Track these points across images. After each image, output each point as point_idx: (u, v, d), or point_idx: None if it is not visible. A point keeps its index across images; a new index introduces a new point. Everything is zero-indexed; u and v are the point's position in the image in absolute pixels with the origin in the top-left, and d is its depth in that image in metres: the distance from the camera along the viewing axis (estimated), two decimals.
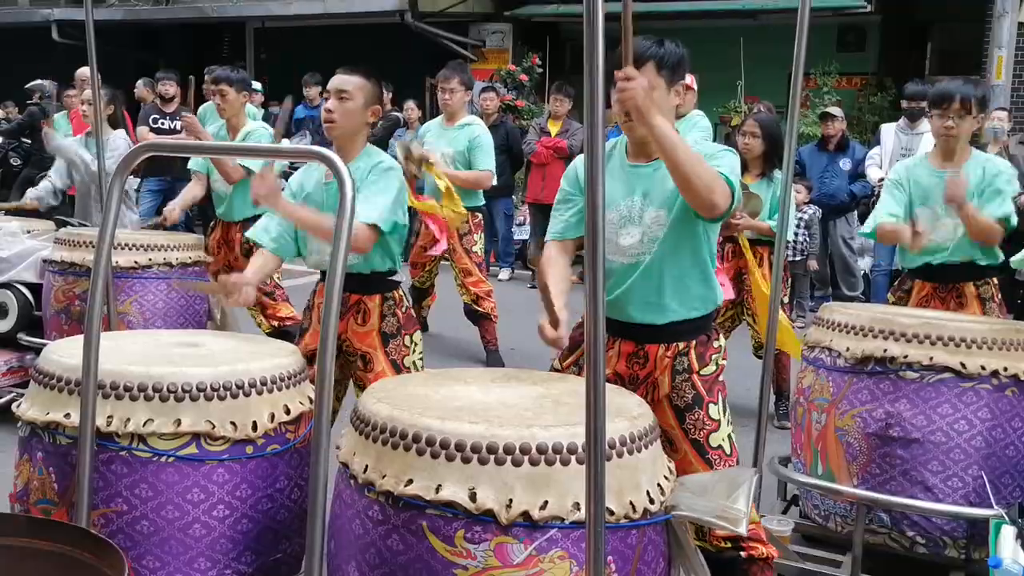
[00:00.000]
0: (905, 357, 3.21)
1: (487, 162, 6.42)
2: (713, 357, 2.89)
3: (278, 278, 5.66)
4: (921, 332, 3.23)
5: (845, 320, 3.42)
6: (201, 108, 8.35)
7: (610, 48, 2.01)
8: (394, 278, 3.70)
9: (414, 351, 3.71)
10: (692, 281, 2.85)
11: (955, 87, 3.97)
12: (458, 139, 6.39)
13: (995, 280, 4.13)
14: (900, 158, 8.02)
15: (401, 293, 3.71)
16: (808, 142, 9.43)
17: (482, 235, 6.64)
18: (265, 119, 10.50)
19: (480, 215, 6.62)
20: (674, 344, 2.87)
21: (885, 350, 3.25)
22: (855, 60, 13.48)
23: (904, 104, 8.24)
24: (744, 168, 5.23)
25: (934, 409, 3.19)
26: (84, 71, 7.54)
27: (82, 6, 4.81)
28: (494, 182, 6.73)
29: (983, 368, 3.17)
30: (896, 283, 4.40)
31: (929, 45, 13.31)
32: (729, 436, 2.88)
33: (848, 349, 3.33)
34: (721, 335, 3.00)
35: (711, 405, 2.85)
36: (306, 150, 2.31)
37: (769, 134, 5.22)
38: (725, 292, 3.92)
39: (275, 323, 5.64)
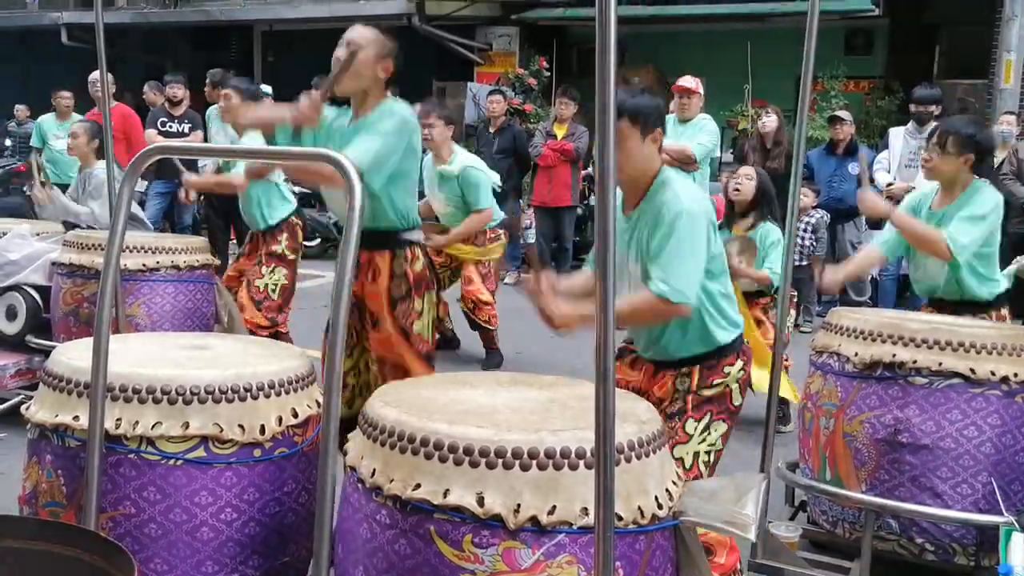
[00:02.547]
0: (914, 362, 3.20)
1: (484, 200, 6.39)
2: (715, 382, 2.95)
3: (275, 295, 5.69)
4: (930, 337, 3.22)
5: (853, 325, 3.41)
6: (208, 111, 8.37)
7: (621, 52, 2.03)
8: (408, 235, 3.62)
9: (425, 313, 3.62)
10: (690, 326, 2.92)
11: (947, 125, 3.99)
12: (448, 184, 6.40)
13: (1003, 311, 4.09)
14: (909, 162, 8.02)
15: (415, 252, 3.62)
16: (816, 146, 9.43)
17: (502, 244, 6.72)
18: None
19: (501, 232, 6.70)
20: (682, 368, 2.98)
21: (894, 355, 3.24)
22: (862, 63, 13.48)
23: (912, 108, 8.23)
24: (733, 218, 5.29)
25: (943, 415, 3.18)
26: (95, 74, 7.59)
27: (91, 9, 4.84)
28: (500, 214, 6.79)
29: (993, 374, 3.16)
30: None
31: (937, 48, 13.30)
32: (696, 455, 2.91)
33: (856, 354, 3.33)
34: (740, 360, 3.02)
35: (690, 420, 2.92)
36: (313, 152, 2.31)
37: (762, 183, 5.20)
38: None
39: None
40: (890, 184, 8.03)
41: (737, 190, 5.24)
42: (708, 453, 2.94)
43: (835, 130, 8.79)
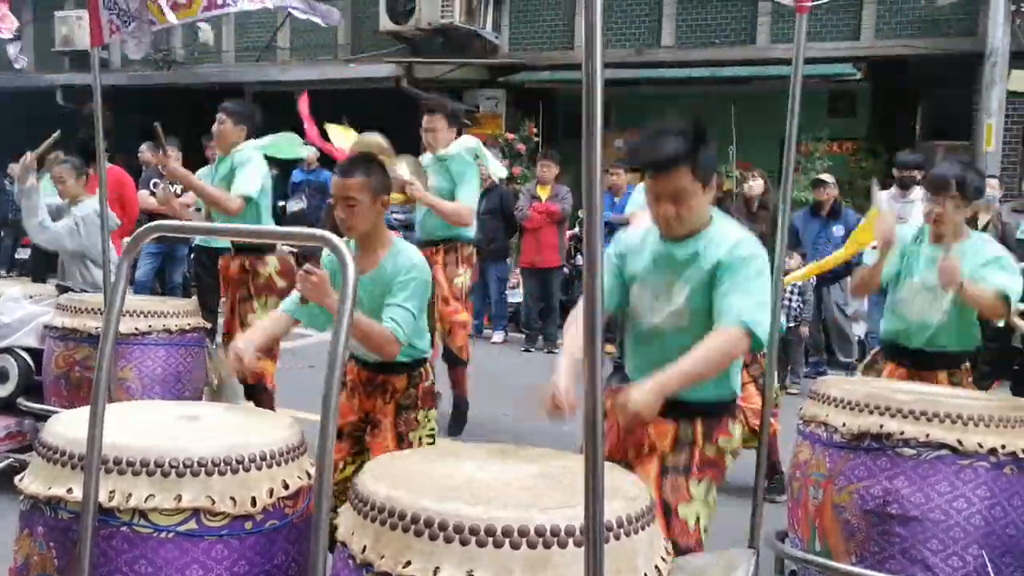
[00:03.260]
0: (902, 433, 3.22)
1: (470, 198, 6.20)
2: (721, 440, 2.97)
3: None
4: (917, 408, 3.24)
5: (841, 395, 3.43)
6: (198, 172, 8.43)
7: (606, 114, 2.07)
8: (422, 356, 3.74)
9: (424, 427, 3.71)
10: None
11: (952, 173, 4.04)
12: (443, 168, 6.20)
13: (967, 366, 4.17)
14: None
15: (427, 369, 3.75)
16: (800, 208, 9.54)
17: (468, 271, 6.39)
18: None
19: (471, 249, 6.42)
20: (684, 418, 2.95)
21: (881, 426, 3.26)
22: (846, 125, 13.67)
23: (896, 173, 8.37)
24: None
25: (932, 486, 3.19)
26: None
27: (86, 72, 4.91)
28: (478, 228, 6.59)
29: (980, 446, 3.17)
30: (869, 359, 4.46)
31: (919, 111, 13.50)
32: (699, 516, 2.90)
33: (844, 424, 3.35)
34: (738, 426, 3.06)
35: (695, 480, 2.92)
36: (309, 233, 2.35)
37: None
38: None
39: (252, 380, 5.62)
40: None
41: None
42: (707, 516, 2.95)
43: (818, 192, 8.91)
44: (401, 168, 5.93)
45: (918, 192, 8.21)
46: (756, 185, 8.46)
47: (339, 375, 2.21)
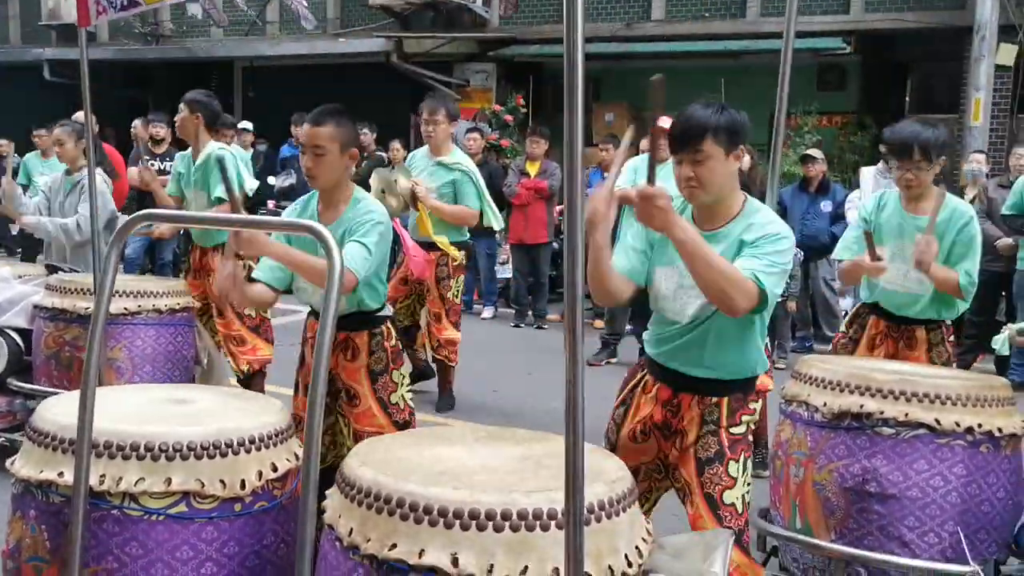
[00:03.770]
0: (881, 413, 3.27)
1: (475, 201, 6.38)
2: (744, 418, 3.03)
3: (267, 313, 5.74)
4: (896, 388, 3.30)
5: (822, 375, 3.48)
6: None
7: (591, 86, 2.08)
8: (381, 313, 3.76)
9: (401, 386, 3.76)
10: (731, 348, 2.98)
11: (911, 135, 4.07)
12: (442, 174, 6.31)
13: (947, 322, 4.27)
14: None
15: (388, 327, 3.76)
16: (790, 182, 9.56)
17: (461, 280, 6.55)
18: (253, 158, 10.61)
19: (463, 253, 6.53)
20: (707, 397, 3.01)
21: (861, 406, 3.31)
22: (835, 99, 13.67)
23: (883, 148, 8.38)
24: None
25: (910, 465, 3.25)
26: (79, 115, 7.63)
27: (73, 45, 4.92)
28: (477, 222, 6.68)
29: (958, 424, 3.23)
30: (852, 314, 4.52)
31: (908, 84, 13.51)
32: (743, 496, 2.99)
33: (825, 404, 3.40)
34: (759, 400, 3.14)
35: (731, 462, 2.98)
36: (297, 223, 2.39)
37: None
38: None
39: (245, 367, 5.69)
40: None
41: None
42: (747, 493, 3.04)
43: (807, 168, 8.93)
44: (399, 175, 6.08)
45: None
46: (743, 161, 8.46)
47: (326, 361, 2.26)
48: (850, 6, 12.65)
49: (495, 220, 6.72)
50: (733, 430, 3.00)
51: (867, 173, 8.55)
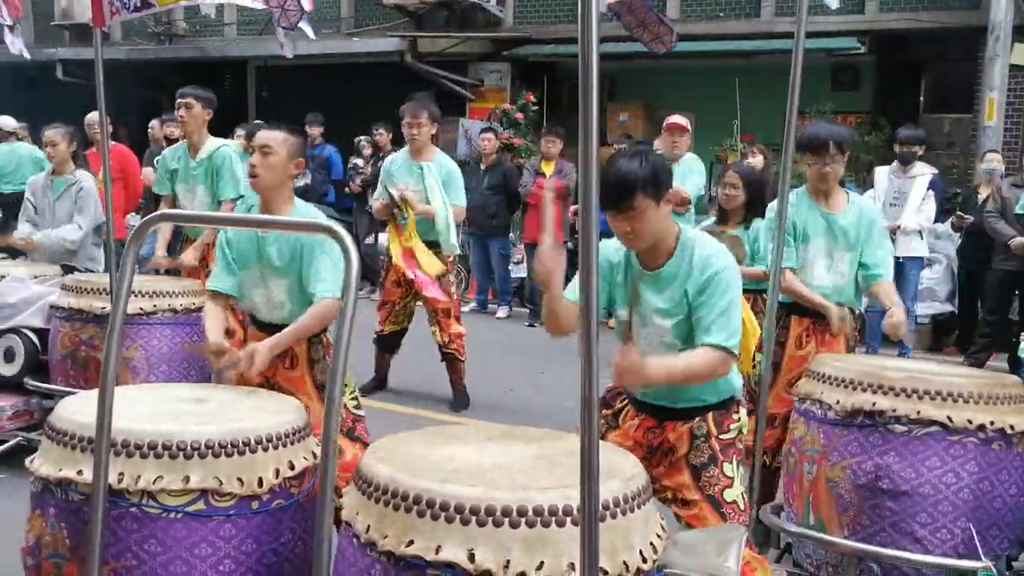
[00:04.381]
0: (893, 411, 3.29)
1: (460, 197, 6.46)
2: (732, 427, 3.12)
3: None
4: (908, 386, 3.31)
5: (835, 373, 3.50)
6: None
7: (605, 86, 2.10)
8: None
9: (346, 394, 3.78)
10: (706, 383, 3.05)
11: (825, 132, 4.26)
12: (425, 175, 6.36)
13: (857, 313, 4.47)
14: (893, 201, 8.15)
15: (328, 338, 3.81)
16: (802, 182, 9.52)
17: (453, 274, 6.63)
18: None
19: (452, 254, 6.59)
20: (692, 420, 3.11)
21: (874, 403, 3.33)
22: (850, 99, 13.63)
23: (897, 148, 8.36)
24: (725, 218, 5.51)
25: (922, 462, 3.26)
26: (93, 115, 7.70)
27: (86, 45, 4.98)
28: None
29: (970, 422, 3.24)
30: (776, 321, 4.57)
31: (923, 84, 13.47)
32: (743, 495, 3.09)
33: (838, 402, 3.42)
34: (743, 408, 3.22)
35: (725, 464, 3.07)
36: (314, 224, 2.41)
37: (750, 184, 5.38)
38: None
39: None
40: None
41: (727, 196, 5.54)
42: (745, 493, 3.15)
43: None
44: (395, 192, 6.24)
45: (920, 167, 8.23)
46: (756, 161, 8.49)
47: (343, 365, 2.27)
48: (865, 6, 12.62)
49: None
50: (722, 436, 3.11)
51: (881, 173, 8.53)
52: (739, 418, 3.16)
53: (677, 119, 7.47)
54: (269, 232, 3.70)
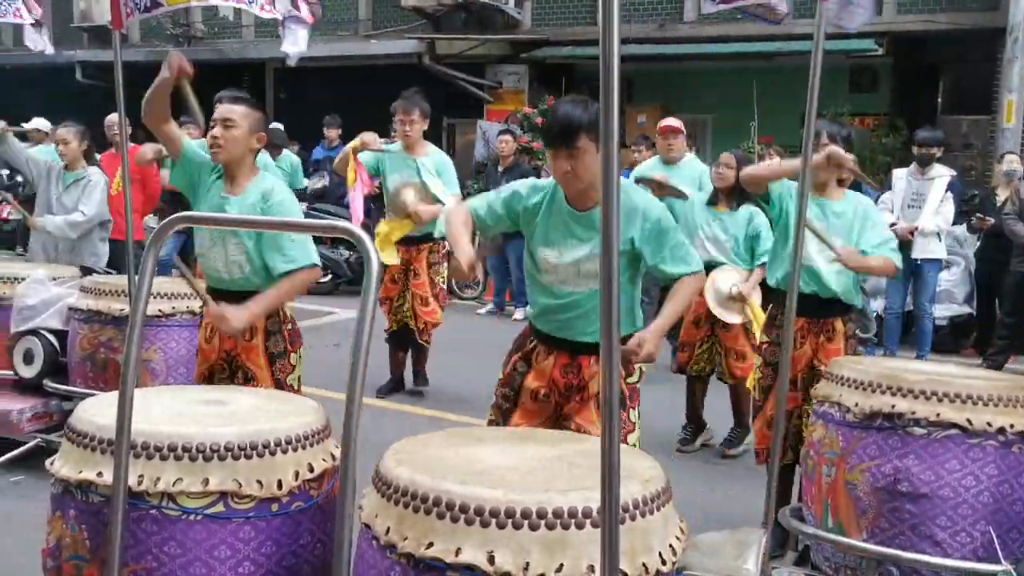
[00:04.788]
0: (912, 413, 3.27)
1: (454, 186, 6.60)
2: (638, 366, 3.33)
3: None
4: (928, 389, 3.29)
5: (853, 375, 3.49)
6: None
7: (628, 89, 2.14)
8: None
9: (297, 368, 3.93)
10: (626, 312, 3.26)
11: (822, 125, 4.29)
12: (418, 168, 6.50)
13: (854, 315, 4.50)
14: (911, 203, 8.11)
15: (286, 311, 3.91)
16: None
17: (445, 265, 6.77)
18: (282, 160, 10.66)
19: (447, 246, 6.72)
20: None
21: (893, 406, 3.31)
22: (867, 101, 13.60)
23: (915, 150, 8.32)
24: (716, 198, 5.87)
25: (942, 465, 3.25)
26: (113, 117, 7.76)
27: (106, 47, 5.02)
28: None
29: (989, 425, 3.23)
30: (768, 316, 4.60)
31: (941, 86, 13.42)
32: (638, 442, 3.31)
33: (856, 404, 3.40)
34: None
35: (631, 410, 3.32)
36: (333, 226, 2.41)
37: (743, 167, 5.39)
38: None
39: None
40: (893, 224, 8.12)
41: (720, 175, 5.81)
42: (640, 438, 3.36)
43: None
44: (408, 195, 6.37)
45: (938, 169, 8.19)
46: (773, 161, 8.46)
47: (364, 362, 2.27)
48: (883, 7, 12.57)
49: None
50: (630, 380, 3.32)
51: (899, 175, 8.48)
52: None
53: (670, 122, 7.47)
54: (232, 195, 3.84)
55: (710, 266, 5.79)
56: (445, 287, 6.88)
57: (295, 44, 5.57)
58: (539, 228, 3.39)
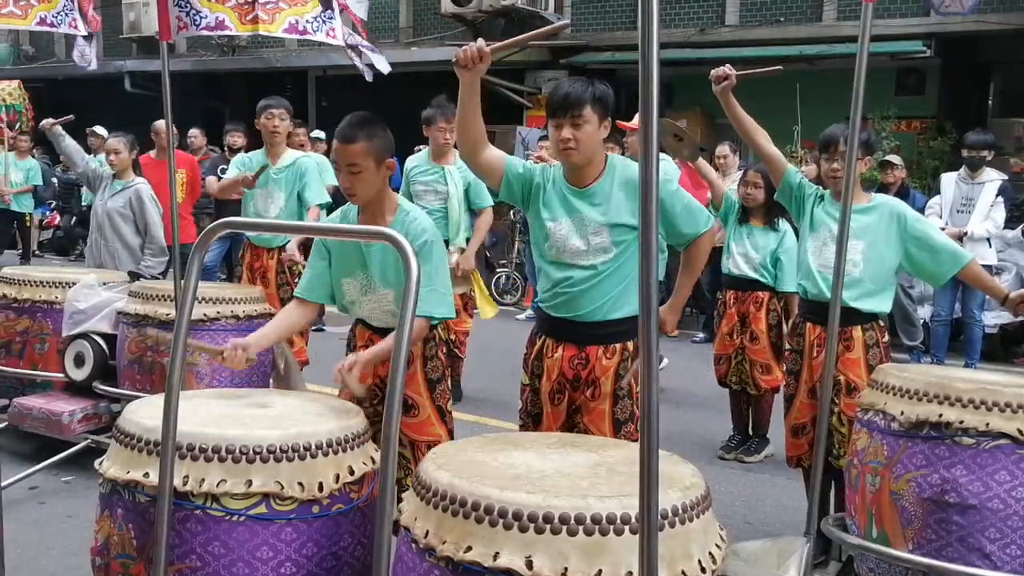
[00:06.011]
0: (961, 423, 3.20)
1: (488, 197, 6.61)
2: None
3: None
4: (977, 398, 3.23)
5: (899, 383, 3.43)
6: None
7: (667, 94, 2.15)
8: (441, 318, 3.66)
9: (451, 393, 3.75)
10: (632, 289, 3.33)
11: (838, 130, 4.24)
12: (447, 178, 6.56)
13: (880, 324, 4.30)
14: (960, 208, 8.00)
15: (439, 333, 3.65)
16: (868, 189, 9.40)
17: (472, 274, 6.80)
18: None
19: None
20: (612, 346, 3.37)
21: (940, 415, 3.25)
22: (915, 103, 13.40)
23: (964, 153, 8.20)
24: (747, 216, 5.88)
25: (991, 476, 3.18)
26: (160, 123, 7.89)
27: (153, 57, 5.10)
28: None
29: None
30: (792, 326, 4.58)
31: (992, 87, 13.21)
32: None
33: (902, 413, 3.34)
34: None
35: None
36: (375, 231, 2.43)
37: (771, 184, 5.33)
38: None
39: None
40: (942, 229, 8.01)
41: (749, 195, 5.83)
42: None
43: (885, 174, 8.79)
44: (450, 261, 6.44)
45: (989, 173, 8.07)
46: (810, 170, 8.38)
47: (403, 370, 2.28)
48: (930, 9, 12.42)
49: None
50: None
51: (948, 179, 8.37)
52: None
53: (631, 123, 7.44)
54: (373, 243, 3.50)
55: (742, 281, 5.83)
56: (471, 295, 6.82)
57: (381, 63, 6.34)
58: (544, 202, 3.48)
